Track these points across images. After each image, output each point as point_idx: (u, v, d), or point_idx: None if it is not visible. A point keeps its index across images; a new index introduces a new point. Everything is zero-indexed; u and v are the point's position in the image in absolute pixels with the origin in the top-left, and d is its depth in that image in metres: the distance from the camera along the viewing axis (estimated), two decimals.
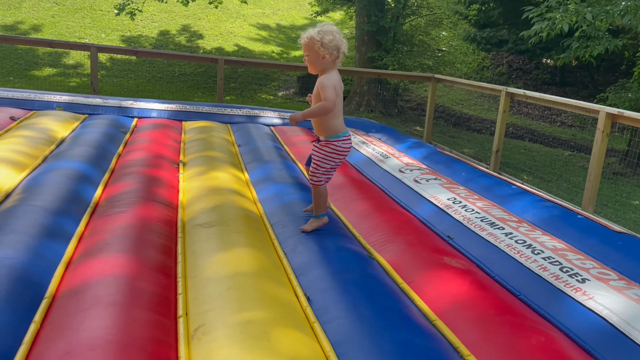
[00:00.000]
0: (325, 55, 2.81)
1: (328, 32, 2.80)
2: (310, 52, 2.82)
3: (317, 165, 2.93)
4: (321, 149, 2.92)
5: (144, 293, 2.26)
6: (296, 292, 2.43)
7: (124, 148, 4.58)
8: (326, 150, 2.91)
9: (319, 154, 2.93)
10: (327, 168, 2.94)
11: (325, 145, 2.91)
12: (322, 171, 2.93)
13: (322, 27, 2.84)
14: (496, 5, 14.26)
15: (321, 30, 2.81)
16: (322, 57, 2.81)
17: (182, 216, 3.21)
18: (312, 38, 2.79)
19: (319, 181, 2.94)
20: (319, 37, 2.79)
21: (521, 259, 2.66)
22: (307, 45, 2.82)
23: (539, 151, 9.96)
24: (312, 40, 2.79)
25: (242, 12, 17.53)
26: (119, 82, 12.66)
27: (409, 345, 2.02)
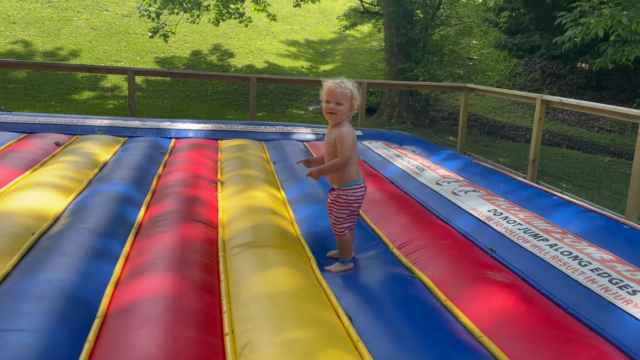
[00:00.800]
0: (353, 109, 2.89)
1: (356, 87, 2.89)
2: (345, 102, 2.84)
3: (336, 217, 2.93)
4: (337, 200, 2.92)
5: (190, 311, 2.31)
6: (337, 312, 2.43)
7: (163, 169, 4.69)
8: (341, 200, 2.91)
9: (335, 204, 2.93)
10: (346, 217, 2.93)
11: (338, 196, 2.92)
12: (342, 221, 2.92)
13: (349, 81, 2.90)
14: (527, 12, 14.09)
15: (355, 86, 2.89)
16: (350, 109, 2.88)
17: (222, 235, 3.27)
18: (350, 90, 2.85)
19: (342, 231, 2.94)
20: (356, 92, 2.87)
21: (568, 271, 2.60)
22: (345, 96, 2.83)
23: (577, 158, 9.74)
24: (351, 92, 2.85)
25: (271, 29, 17.80)
26: (154, 102, 12.99)
27: None
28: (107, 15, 16.55)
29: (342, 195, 2.91)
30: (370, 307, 2.43)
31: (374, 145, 6.16)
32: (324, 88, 2.91)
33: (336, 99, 2.83)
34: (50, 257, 2.64)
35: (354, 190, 2.92)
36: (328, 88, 2.86)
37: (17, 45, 14.50)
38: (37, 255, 2.70)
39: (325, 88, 2.89)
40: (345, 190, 2.91)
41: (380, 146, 6.07)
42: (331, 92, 2.84)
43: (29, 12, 16.00)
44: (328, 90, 2.86)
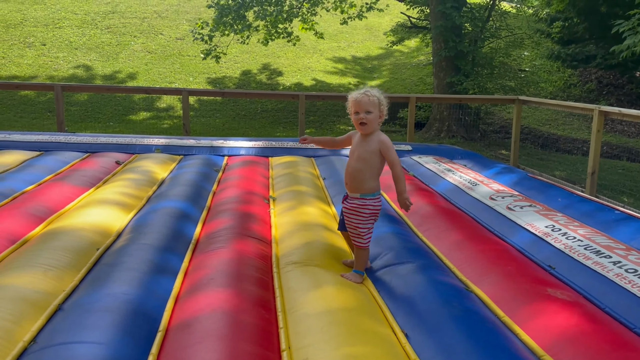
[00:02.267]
0: (383, 115, 2.91)
1: (382, 93, 2.92)
2: (374, 110, 2.85)
3: (361, 228, 2.90)
4: (362, 210, 2.89)
5: (248, 326, 2.35)
6: (393, 329, 2.42)
7: (217, 186, 4.81)
8: (367, 211, 2.90)
9: (360, 215, 2.90)
10: (368, 228, 2.93)
11: (364, 206, 2.89)
12: (367, 232, 2.91)
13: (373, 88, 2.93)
14: (581, 21, 13.70)
15: (381, 93, 2.91)
16: (380, 116, 2.90)
17: (275, 251, 3.31)
18: (377, 97, 2.87)
19: (366, 243, 2.93)
20: (382, 98, 2.89)
21: (633, 289, 2.49)
22: (374, 103, 2.84)
23: (639, 171, 9.32)
24: (378, 99, 2.87)
25: (318, 47, 18.04)
26: (206, 121, 13.36)
27: None
28: (162, 38, 17.23)
29: (368, 205, 2.89)
30: (426, 323, 2.39)
31: (424, 159, 6.11)
32: (349, 100, 2.93)
33: (365, 108, 2.84)
34: (114, 271, 2.76)
35: (376, 200, 2.92)
36: (355, 99, 2.88)
37: (78, 70, 15.28)
38: (102, 269, 2.83)
39: (351, 100, 2.91)
40: (372, 200, 2.90)
41: (431, 161, 6.02)
42: (358, 103, 2.86)
43: (90, 38, 16.86)
44: (355, 102, 2.88)
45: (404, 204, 2.89)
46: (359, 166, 2.92)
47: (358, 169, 2.91)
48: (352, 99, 2.90)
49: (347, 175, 2.98)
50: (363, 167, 2.90)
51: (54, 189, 4.22)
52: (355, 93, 2.91)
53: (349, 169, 2.98)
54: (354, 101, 2.88)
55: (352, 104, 2.90)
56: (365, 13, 13.82)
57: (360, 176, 2.90)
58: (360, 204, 2.90)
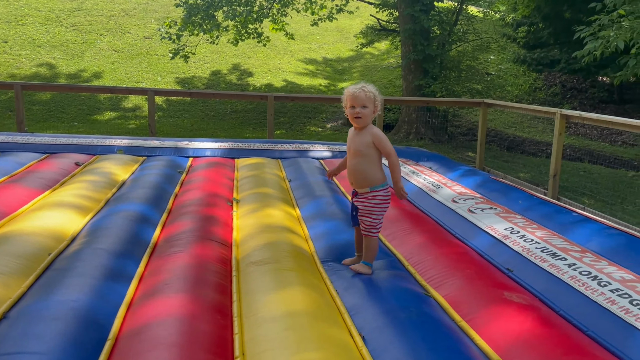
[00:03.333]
0: (377, 110, 2.96)
1: (377, 89, 2.98)
2: (369, 105, 2.91)
3: (373, 219, 2.96)
4: (374, 202, 2.95)
5: (202, 333, 2.30)
6: (351, 332, 2.40)
7: (180, 188, 4.72)
8: (378, 201, 2.96)
9: (374, 206, 2.96)
10: (382, 218, 3.00)
11: (375, 197, 2.95)
12: (378, 222, 2.98)
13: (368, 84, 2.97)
14: (546, 26, 13.99)
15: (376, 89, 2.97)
16: (374, 111, 2.95)
17: (236, 254, 3.26)
18: (373, 92, 2.92)
19: (376, 233, 3.00)
20: (377, 94, 2.95)
21: (587, 291, 2.53)
22: (369, 99, 2.90)
23: (599, 173, 9.56)
24: (373, 94, 2.92)
25: (289, 48, 17.99)
26: (174, 122, 13.17)
27: None
28: (129, 37, 16.92)
29: (378, 196, 2.95)
30: (384, 326, 2.39)
31: None
32: (346, 94, 2.97)
33: (361, 103, 2.89)
34: (65, 277, 2.66)
35: (387, 189, 3.00)
36: (352, 94, 2.91)
37: (42, 68, 14.89)
38: (52, 275, 2.73)
39: (347, 94, 2.95)
40: (381, 190, 2.96)
41: None
42: (355, 97, 2.90)
43: (54, 35, 16.45)
44: (352, 96, 2.91)
45: (399, 193, 2.96)
46: (356, 161, 2.97)
47: (357, 165, 2.97)
48: (349, 94, 2.94)
49: (349, 174, 3.03)
50: (361, 162, 2.95)
51: (7, 192, 4.08)
52: (352, 87, 2.95)
53: (349, 166, 3.03)
54: (351, 95, 2.92)
55: (348, 98, 2.94)
56: (336, 15, 13.83)
57: (361, 171, 2.96)
58: (372, 197, 2.95)
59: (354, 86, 2.95)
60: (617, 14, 7.18)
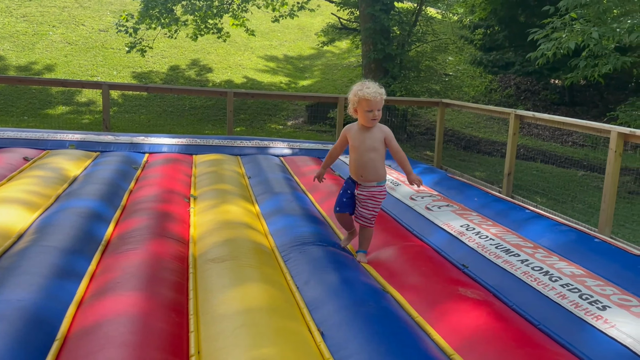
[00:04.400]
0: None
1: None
2: (381, 107, 3.10)
3: (372, 211, 3.20)
4: (376, 196, 3.20)
5: (156, 332, 2.24)
6: (309, 327, 2.39)
7: (135, 184, 4.60)
8: (380, 196, 3.21)
9: (375, 200, 3.21)
10: (378, 210, 3.26)
11: (380, 192, 3.21)
12: (376, 214, 3.23)
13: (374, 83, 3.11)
14: (501, 29, 14.35)
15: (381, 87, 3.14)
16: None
17: (193, 251, 3.20)
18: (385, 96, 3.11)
19: (373, 224, 3.27)
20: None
21: (539, 287, 2.60)
22: (382, 101, 3.10)
23: (551, 172, 9.87)
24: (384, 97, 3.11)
25: (250, 44, 17.82)
26: (130, 117, 12.84)
27: None
28: (84, 29, 16.40)
29: (383, 191, 3.23)
30: (343, 321, 2.39)
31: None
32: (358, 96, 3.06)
33: (378, 107, 3.08)
34: (11, 276, 2.55)
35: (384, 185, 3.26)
36: (370, 99, 3.02)
37: None
38: None
39: (362, 98, 3.04)
40: (384, 186, 3.24)
41: None
42: (376, 103, 3.05)
43: (3, 26, 15.77)
44: (370, 101, 3.02)
45: (416, 180, 3.20)
46: (372, 156, 3.13)
47: (372, 159, 3.13)
48: (366, 98, 3.03)
49: (361, 167, 3.16)
50: (375, 157, 3.14)
51: None
52: (368, 91, 3.04)
53: (361, 161, 3.15)
54: (369, 101, 3.03)
55: (364, 102, 3.04)
56: (297, 12, 13.78)
57: (374, 165, 3.14)
58: (378, 191, 3.20)
59: (368, 89, 3.05)
60: (569, 17, 7.42)
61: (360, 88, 3.08)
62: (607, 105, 13.56)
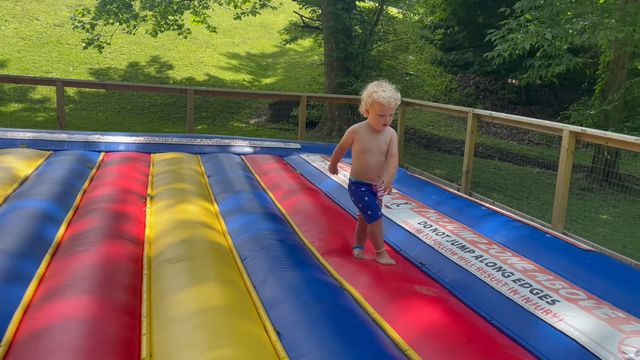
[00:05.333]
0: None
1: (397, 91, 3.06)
2: (393, 112, 3.01)
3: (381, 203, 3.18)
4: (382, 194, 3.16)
5: (108, 336, 2.18)
6: (266, 327, 2.37)
7: (89, 184, 4.48)
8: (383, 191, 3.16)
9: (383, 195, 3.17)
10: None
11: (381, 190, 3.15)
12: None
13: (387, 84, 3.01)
14: (461, 29, 14.63)
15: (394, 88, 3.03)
16: None
17: (148, 252, 3.14)
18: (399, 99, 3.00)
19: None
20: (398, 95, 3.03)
21: (492, 282, 2.65)
22: (396, 107, 2.99)
23: (508, 170, 10.12)
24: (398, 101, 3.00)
25: (211, 41, 17.61)
26: (87, 115, 12.51)
27: None
28: (38, 24, 15.87)
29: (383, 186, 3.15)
30: (300, 320, 2.38)
31: (311, 158, 6.16)
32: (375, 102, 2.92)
33: (390, 112, 2.97)
34: None
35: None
36: (384, 104, 2.90)
37: None
38: None
39: (375, 102, 2.91)
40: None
41: (318, 159, 6.07)
42: (388, 108, 2.93)
43: None
44: (384, 106, 2.91)
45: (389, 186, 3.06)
46: (382, 158, 3.06)
47: (382, 161, 3.07)
48: (382, 102, 2.90)
49: (377, 169, 3.07)
50: (384, 158, 3.07)
51: None
52: (384, 94, 2.91)
53: (375, 163, 3.05)
54: (382, 105, 2.91)
55: (377, 105, 2.92)
56: (259, 10, 13.69)
57: (384, 165, 3.08)
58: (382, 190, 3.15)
59: (384, 92, 2.91)
60: (524, 18, 7.62)
61: (376, 90, 2.93)
62: (562, 105, 14.00)
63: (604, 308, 2.34)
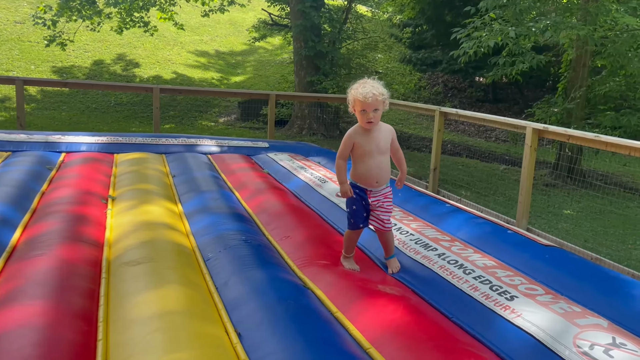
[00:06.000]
0: (385, 107, 2.93)
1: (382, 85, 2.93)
2: (381, 107, 2.86)
3: (390, 211, 3.04)
4: (390, 196, 3.04)
5: (62, 343, 2.12)
6: (227, 329, 2.34)
7: (48, 185, 4.36)
8: (392, 196, 3.07)
9: (390, 200, 3.04)
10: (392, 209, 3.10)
11: (390, 193, 3.05)
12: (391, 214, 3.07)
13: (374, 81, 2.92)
14: (429, 28, 14.77)
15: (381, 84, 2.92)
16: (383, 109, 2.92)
17: (107, 255, 3.06)
18: (384, 94, 2.87)
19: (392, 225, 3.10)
20: (384, 90, 2.90)
21: (453, 280, 2.67)
22: (381, 102, 2.86)
23: (476, 167, 10.27)
24: (384, 96, 2.87)
25: (179, 39, 17.38)
26: (50, 114, 12.19)
27: None
28: None
29: (391, 190, 3.07)
30: (262, 321, 2.36)
31: (279, 157, 6.12)
32: (353, 97, 2.85)
33: (373, 107, 2.83)
34: None
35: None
36: (363, 100, 2.80)
37: None
38: None
39: (356, 99, 2.83)
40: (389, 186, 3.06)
41: (286, 158, 6.04)
42: (368, 104, 2.81)
43: None
44: (364, 103, 2.80)
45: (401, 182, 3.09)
46: (385, 159, 2.96)
47: (385, 162, 2.97)
48: (359, 99, 2.81)
49: (377, 173, 2.94)
50: (386, 159, 2.97)
51: None
52: (362, 91, 2.81)
53: (375, 166, 2.92)
54: (362, 102, 2.81)
55: (358, 103, 2.83)
56: (228, 7, 13.56)
57: (386, 167, 2.98)
58: (389, 193, 3.03)
59: (363, 88, 2.82)
60: (489, 17, 7.73)
61: (357, 87, 2.86)
62: (527, 103, 14.27)
63: (560, 302, 2.38)
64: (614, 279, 2.72)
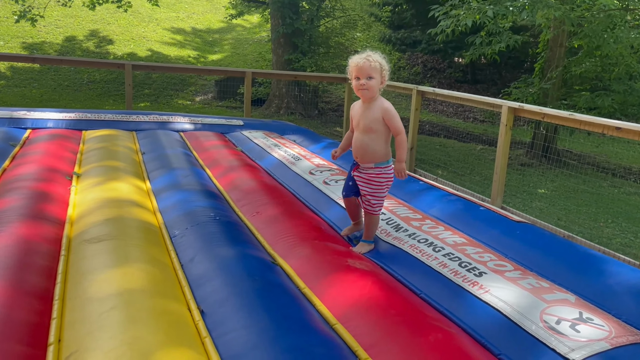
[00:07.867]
0: (385, 81, 2.82)
1: (384, 59, 2.83)
2: (376, 75, 2.77)
3: (374, 196, 2.89)
4: (378, 179, 2.88)
5: (16, 323, 2.03)
6: (189, 306, 2.27)
7: (11, 162, 4.20)
8: (383, 179, 2.89)
9: (377, 183, 2.88)
10: (383, 195, 2.92)
11: (380, 174, 2.88)
12: (379, 199, 2.90)
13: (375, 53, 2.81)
14: (409, 7, 14.64)
15: (383, 57, 2.82)
16: (382, 82, 2.81)
17: (68, 232, 2.95)
18: (381, 63, 2.77)
19: (379, 210, 2.93)
20: (385, 63, 2.80)
21: (422, 257, 2.63)
22: (375, 69, 2.75)
23: (453, 146, 10.28)
24: (381, 65, 2.77)
25: (154, 16, 16.97)
26: (20, 92, 11.84)
27: (307, 352, 1.93)
28: None
29: (383, 173, 2.88)
30: (227, 297, 2.30)
31: (253, 135, 6.02)
32: (350, 65, 2.80)
33: (367, 74, 2.74)
34: None
35: (391, 167, 2.92)
36: (356, 64, 2.76)
37: None
38: None
39: (352, 65, 2.78)
40: (386, 167, 2.88)
41: (260, 136, 5.94)
42: (360, 68, 2.75)
43: None
44: (356, 67, 2.75)
45: (400, 172, 2.87)
46: (366, 139, 2.84)
47: (366, 142, 2.84)
48: (354, 64, 2.77)
49: (357, 149, 2.89)
50: (371, 138, 2.83)
51: None
52: (356, 57, 2.78)
53: (357, 142, 2.87)
54: (355, 66, 2.75)
55: (352, 69, 2.77)
56: None
57: (370, 148, 2.84)
58: (376, 173, 2.87)
59: (358, 56, 2.79)
60: None
61: (352, 56, 2.82)
62: (505, 83, 14.30)
63: (529, 278, 2.36)
64: (584, 254, 2.71)
